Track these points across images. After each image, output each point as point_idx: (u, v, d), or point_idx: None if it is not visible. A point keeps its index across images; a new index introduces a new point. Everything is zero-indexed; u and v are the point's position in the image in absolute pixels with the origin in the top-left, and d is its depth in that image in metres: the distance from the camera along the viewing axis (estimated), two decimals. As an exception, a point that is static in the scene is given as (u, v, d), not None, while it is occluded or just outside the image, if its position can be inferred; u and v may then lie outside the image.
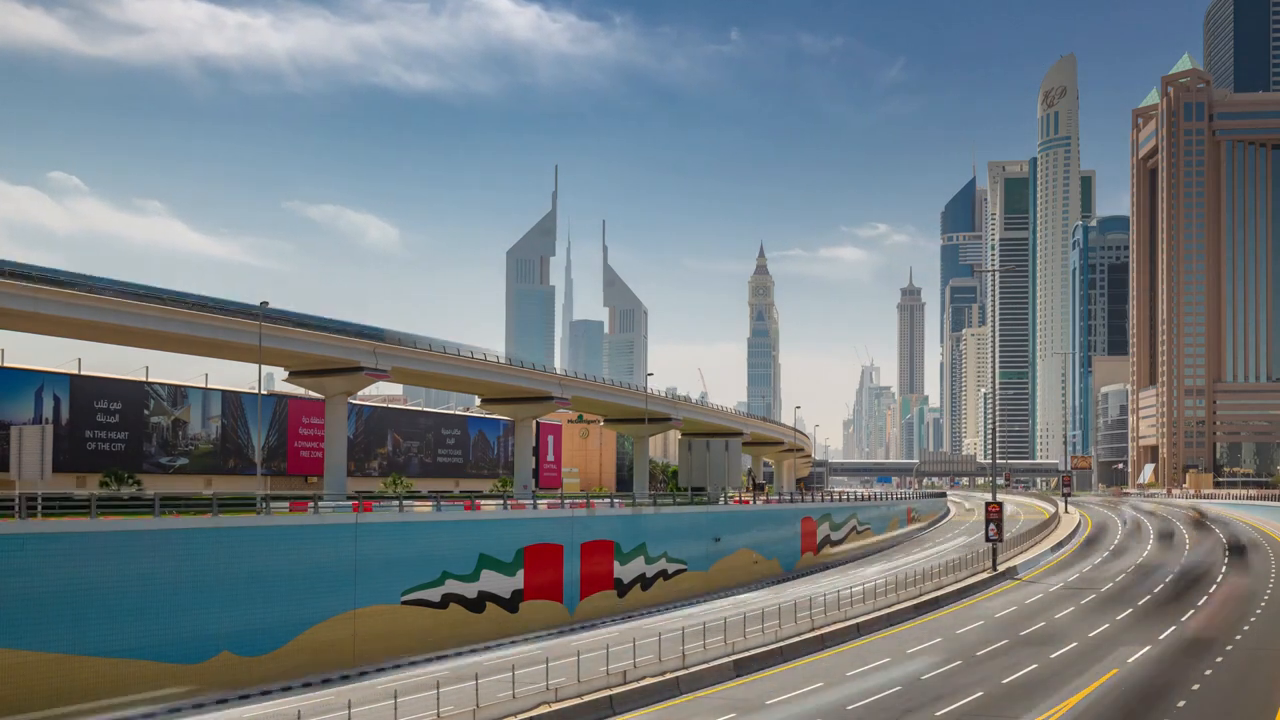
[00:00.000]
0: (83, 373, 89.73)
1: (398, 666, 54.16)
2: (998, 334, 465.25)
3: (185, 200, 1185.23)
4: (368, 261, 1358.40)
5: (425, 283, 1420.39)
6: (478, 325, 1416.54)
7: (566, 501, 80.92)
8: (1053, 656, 47.12)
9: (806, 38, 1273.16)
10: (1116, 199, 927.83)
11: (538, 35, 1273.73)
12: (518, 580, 65.67)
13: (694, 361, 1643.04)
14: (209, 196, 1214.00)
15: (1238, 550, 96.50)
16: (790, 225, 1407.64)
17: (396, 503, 67.06)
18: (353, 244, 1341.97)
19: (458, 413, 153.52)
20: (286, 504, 61.18)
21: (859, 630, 54.64)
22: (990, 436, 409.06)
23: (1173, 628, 54.63)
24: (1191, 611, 60.42)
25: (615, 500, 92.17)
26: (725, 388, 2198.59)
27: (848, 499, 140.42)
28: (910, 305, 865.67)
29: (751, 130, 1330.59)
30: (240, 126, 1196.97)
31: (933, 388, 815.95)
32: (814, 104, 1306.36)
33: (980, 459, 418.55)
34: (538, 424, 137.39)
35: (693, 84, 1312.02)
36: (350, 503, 63.59)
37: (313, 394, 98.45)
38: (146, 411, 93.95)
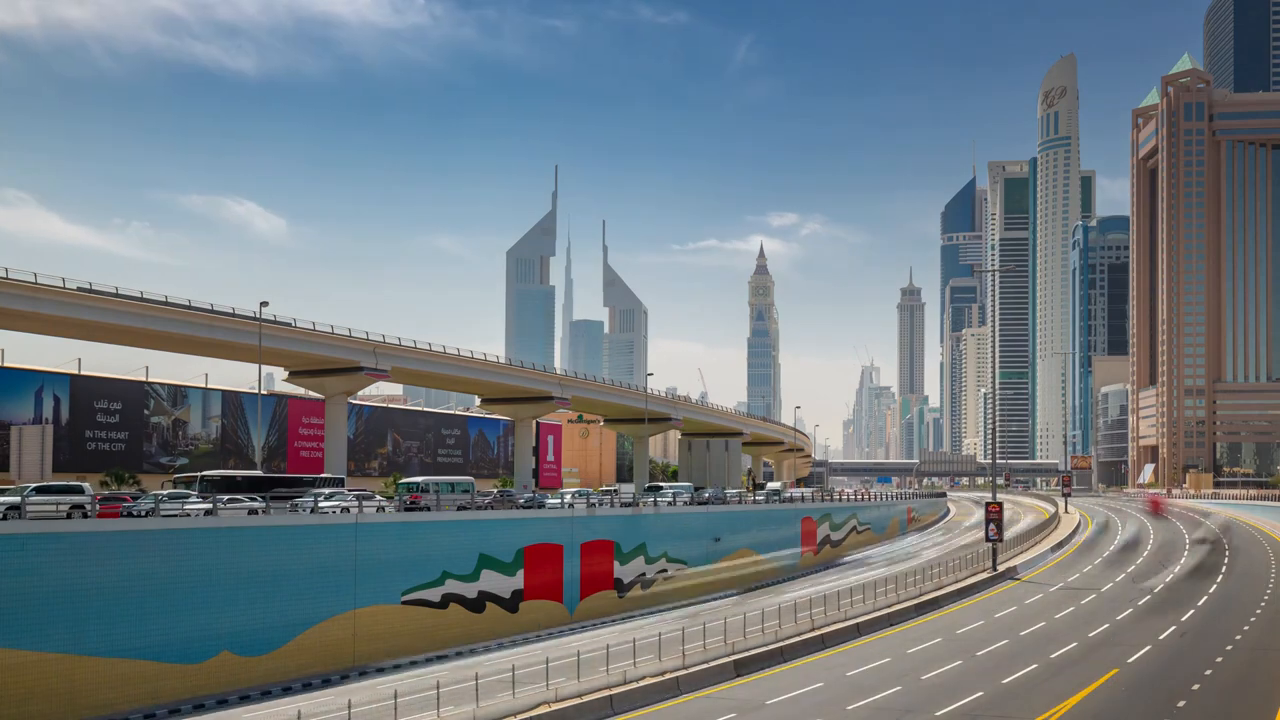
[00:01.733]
0: (83, 373, 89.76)
1: (398, 666, 54.17)
2: (998, 334, 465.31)
3: (46, 189, 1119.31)
4: (255, 250, 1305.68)
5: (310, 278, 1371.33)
6: (477, 326, 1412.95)
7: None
8: (1053, 656, 47.10)
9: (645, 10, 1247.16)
10: (1116, 199, 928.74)
11: (348, 9, 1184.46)
12: (518, 580, 65.67)
13: (694, 361, 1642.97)
14: (68, 186, 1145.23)
15: (1238, 550, 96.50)
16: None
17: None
18: (240, 235, 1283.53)
19: (458, 413, 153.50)
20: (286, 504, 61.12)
21: (859, 630, 54.63)
22: (990, 436, 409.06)
23: (1173, 627, 54.61)
24: (1192, 611, 60.40)
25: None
26: (725, 388, 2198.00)
27: (848, 499, 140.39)
28: (910, 305, 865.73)
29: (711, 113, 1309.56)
30: (77, 109, 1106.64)
31: (933, 388, 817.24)
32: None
33: (980, 459, 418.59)
34: (538, 424, 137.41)
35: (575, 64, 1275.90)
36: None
37: (313, 394, 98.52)
38: (146, 411, 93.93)
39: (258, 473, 71.28)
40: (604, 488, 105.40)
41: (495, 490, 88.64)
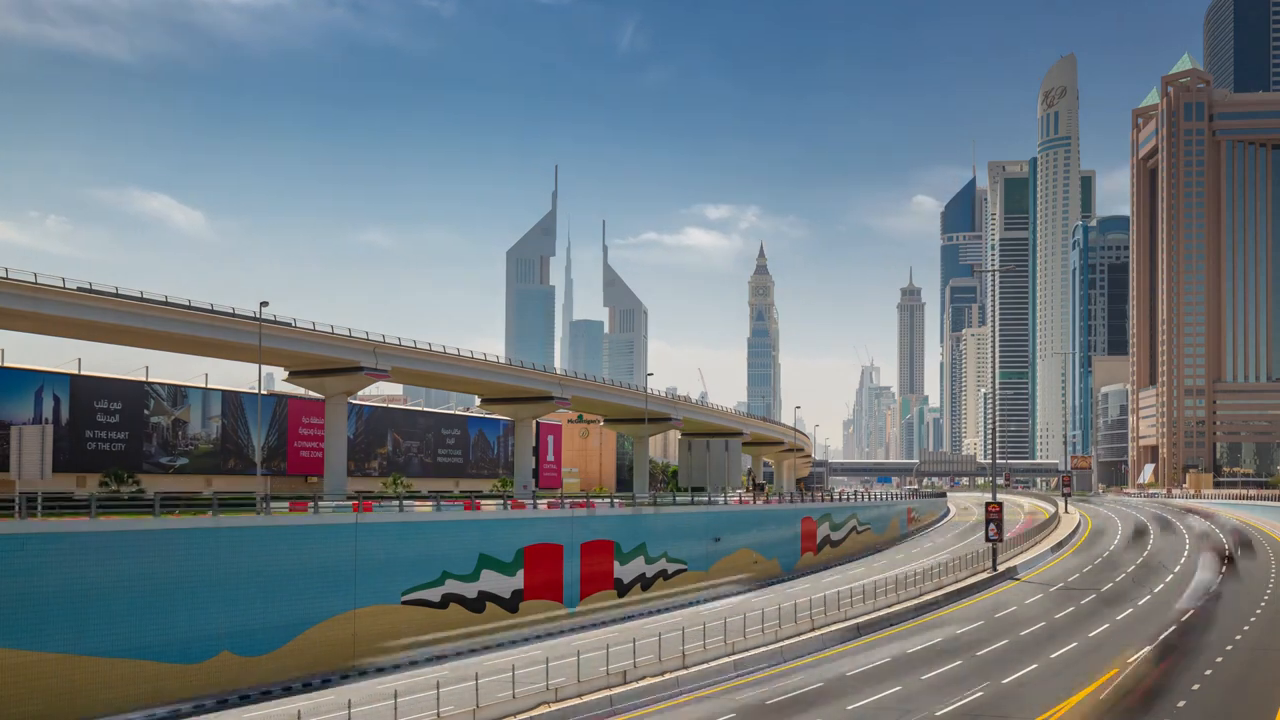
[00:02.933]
0: (83, 373, 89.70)
1: (398, 667, 54.18)
2: (998, 334, 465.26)
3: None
4: (178, 245, 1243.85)
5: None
6: (477, 326, 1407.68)
7: (566, 501, 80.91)
8: (1053, 656, 47.11)
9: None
10: (1116, 199, 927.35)
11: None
12: (518, 580, 65.67)
13: (694, 361, 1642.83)
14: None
15: (1238, 550, 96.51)
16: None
17: (396, 503, 67.07)
18: (159, 229, 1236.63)
19: (458, 413, 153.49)
20: (286, 504, 61.16)
21: (859, 630, 54.64)
22: (990, 436, 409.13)
23: (1173, 627, 54.62)
24: (1192, 611, 60.41)
25: (615, 500, 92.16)
26: (725, 388, 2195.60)
27: (848, 499, 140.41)
28: (910, 305, 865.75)
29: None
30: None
31: (933, 388, 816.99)
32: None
33: (980, 459, 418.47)
34: (538, 424, 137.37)
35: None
36: (350, 502, 63.56)
37: (313, 394, 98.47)
38: (146, 411, 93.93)
39: None
40: None
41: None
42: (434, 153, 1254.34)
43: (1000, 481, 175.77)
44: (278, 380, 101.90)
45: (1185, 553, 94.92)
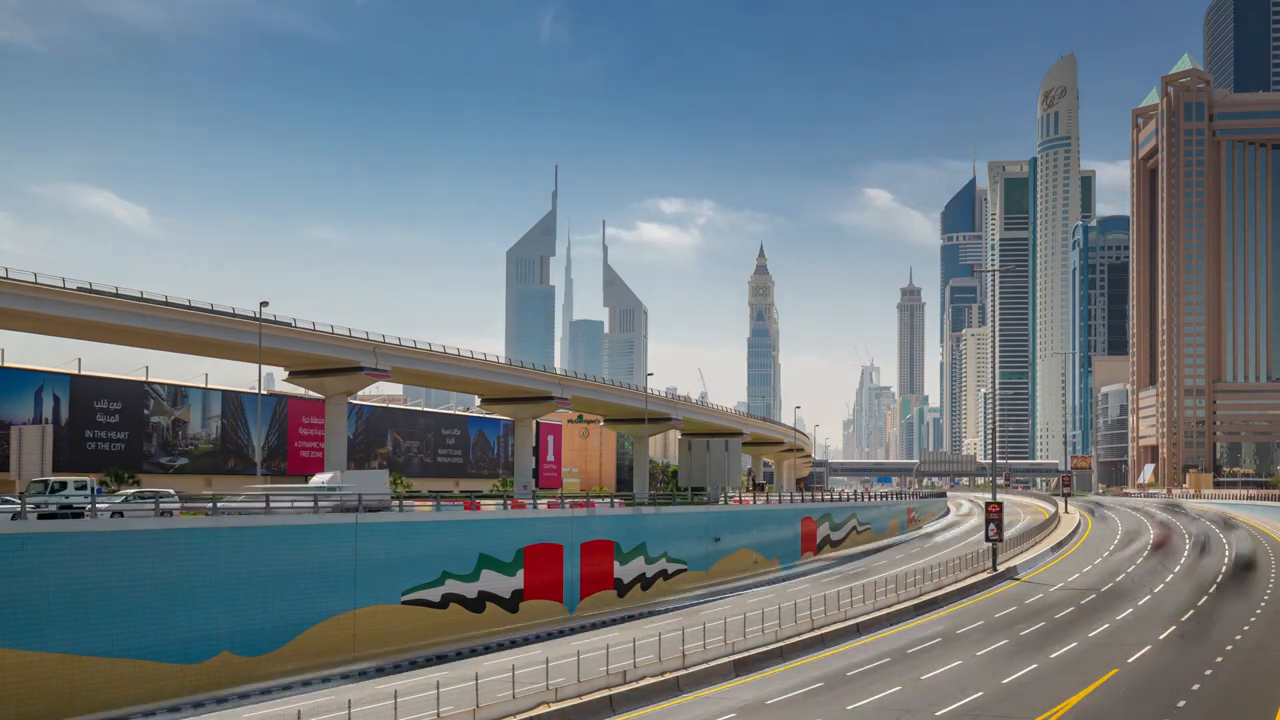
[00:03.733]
0: (83, 373, 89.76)
1: (398, 667, 54.17)
2: (998, 334, 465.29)
3: None
4: (124, 241, 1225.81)
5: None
6: (477, 326, 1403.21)
7: (566, 501, 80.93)
8: (1053, 656, 47.10)
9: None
10: (1116, 199, 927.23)
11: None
12: (518, 580, 65.68)
13: (694, 361, 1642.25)
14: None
15: (1237, 550, 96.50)
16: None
17: (396, 503, 67.08)
18: (103, 225, 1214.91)
19: (458, 413, 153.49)
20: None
21: (859, 630, 54.62)
22: (990, 436, 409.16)
23: (1173, 627, 54.61)
24: (1192, 611, 60.40)
25: (615, 500, 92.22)
26: (725, 388, 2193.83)
27: (848, 499, 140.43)
28: (910, 305, 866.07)
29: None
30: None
31: (933, 388, 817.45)
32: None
33: (980, 459, 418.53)
34: (538, 424, 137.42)
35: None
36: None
37: (313, 394, 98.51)
38: (146, 411, 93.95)
39: None
40: None
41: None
42: (409, 154, 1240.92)
43: (1000, 481, 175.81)
44: (278, 380, 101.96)
45: (1185, 553, 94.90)
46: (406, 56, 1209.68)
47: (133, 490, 62.54)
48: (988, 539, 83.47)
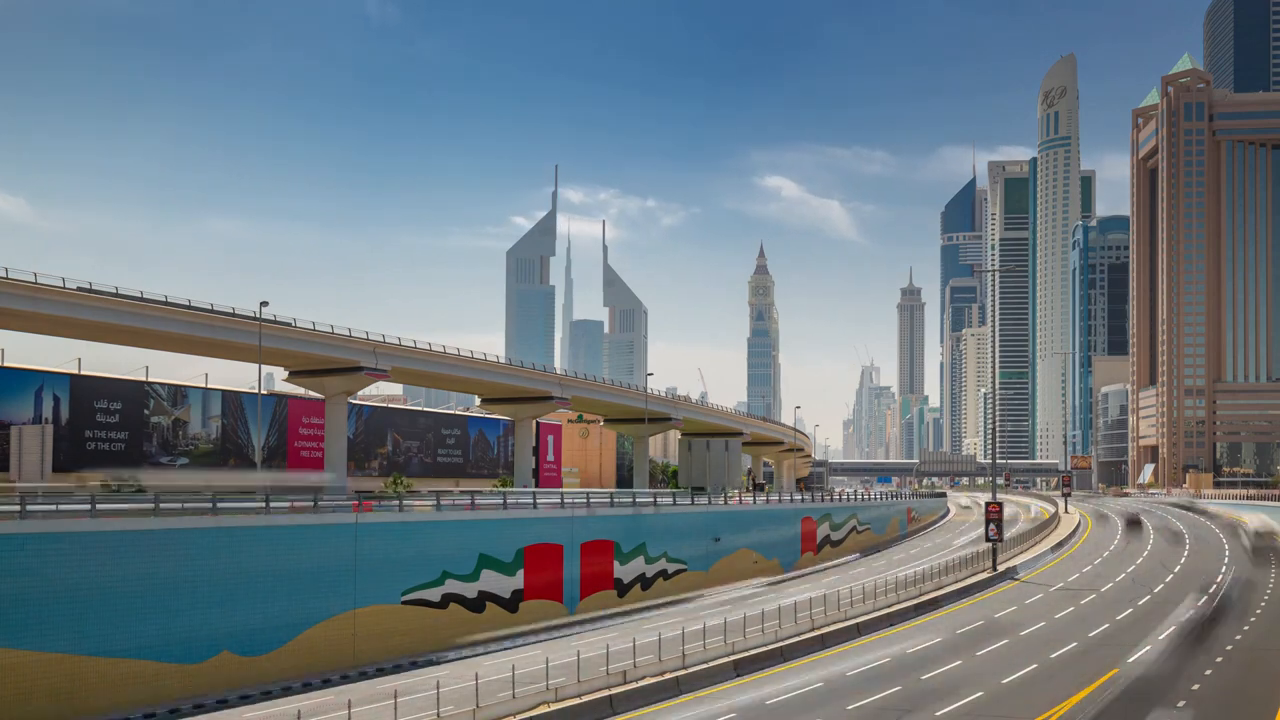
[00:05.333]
0: (83, 373, 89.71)
1: (398, 667, 54.17)
2: (998, 334, 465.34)
3: None
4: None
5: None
6: (477, 327, 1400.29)
7: (565, 497, 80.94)
8: (1053, 656, 47.10)
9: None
10: (1116, 199, 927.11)
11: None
12: (518, 580, 65.68)
13: (694, 361, 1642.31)
14: None
15: (1237, 550, 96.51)
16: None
17: (396, 502, 67.09)
18: None
19: (458, 413, 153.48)
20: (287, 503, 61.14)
21: (859, 630, 54.62)
22: (990, 436, 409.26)
23: (1173, 627, 54.59)
24: (1191, 611, 60.37)
25: (615, 500, 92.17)
26: (725, 388, 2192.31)
27: (848, 499, 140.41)
28: (910, 305, 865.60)
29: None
30: None
31: (933, 388, 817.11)
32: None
33: (980, 459, 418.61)
34: (538, 424, 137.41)
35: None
36: (350, 502, 63.58)
37: (313, 394, 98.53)
38: (146, 411, 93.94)
39: None
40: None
41: None
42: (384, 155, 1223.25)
43: (1000, 481, 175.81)
44: (278, 380, 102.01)
45: (1185, 553, 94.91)
46: (407, 56, 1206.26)
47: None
48: (988, 539, 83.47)
